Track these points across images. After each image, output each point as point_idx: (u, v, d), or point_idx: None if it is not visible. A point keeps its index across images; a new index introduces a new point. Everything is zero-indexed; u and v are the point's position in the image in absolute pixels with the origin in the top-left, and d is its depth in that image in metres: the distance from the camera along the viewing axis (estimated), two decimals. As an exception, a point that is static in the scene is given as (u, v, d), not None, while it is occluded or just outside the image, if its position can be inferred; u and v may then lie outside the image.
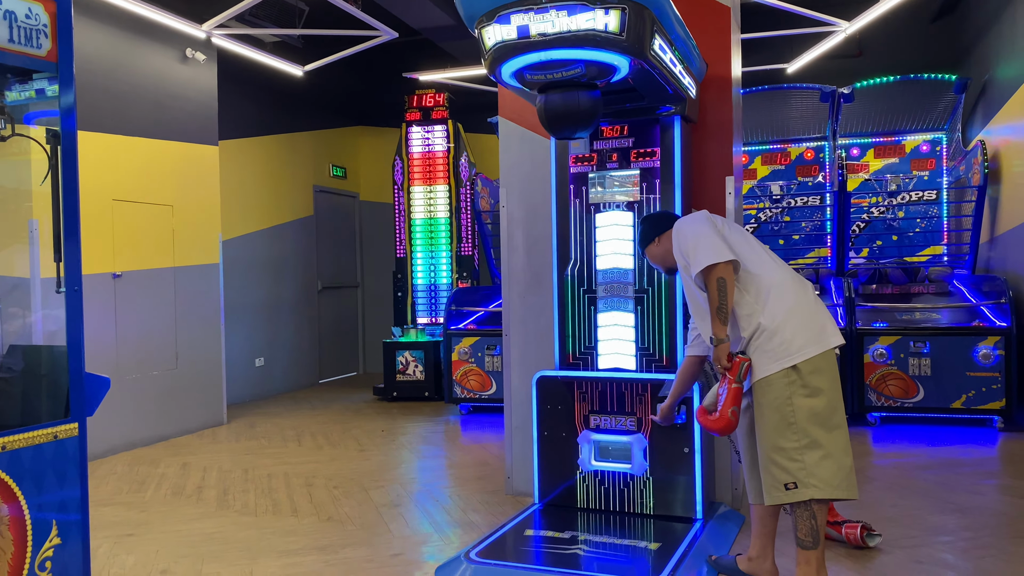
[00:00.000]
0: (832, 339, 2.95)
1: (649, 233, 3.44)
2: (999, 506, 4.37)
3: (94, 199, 5.88)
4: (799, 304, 2.99)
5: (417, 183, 8.70)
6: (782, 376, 2.90)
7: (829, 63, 8.03)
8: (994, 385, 6.13)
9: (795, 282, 3.05)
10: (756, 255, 3.08)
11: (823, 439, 2.87)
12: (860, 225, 7.69)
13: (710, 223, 3.09)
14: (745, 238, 3.17)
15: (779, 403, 2.90)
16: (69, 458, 2.44)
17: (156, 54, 6.56)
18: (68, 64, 2.44)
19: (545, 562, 3.44)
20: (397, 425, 7.08)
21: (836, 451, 2.88)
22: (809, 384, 2.89)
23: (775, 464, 2.91)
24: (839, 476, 2.86)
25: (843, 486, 2.87)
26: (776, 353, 2.92)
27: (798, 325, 2.93)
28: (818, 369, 2.90)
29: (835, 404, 2.93)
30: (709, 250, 2.96)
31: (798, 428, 2.87)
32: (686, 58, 3.70)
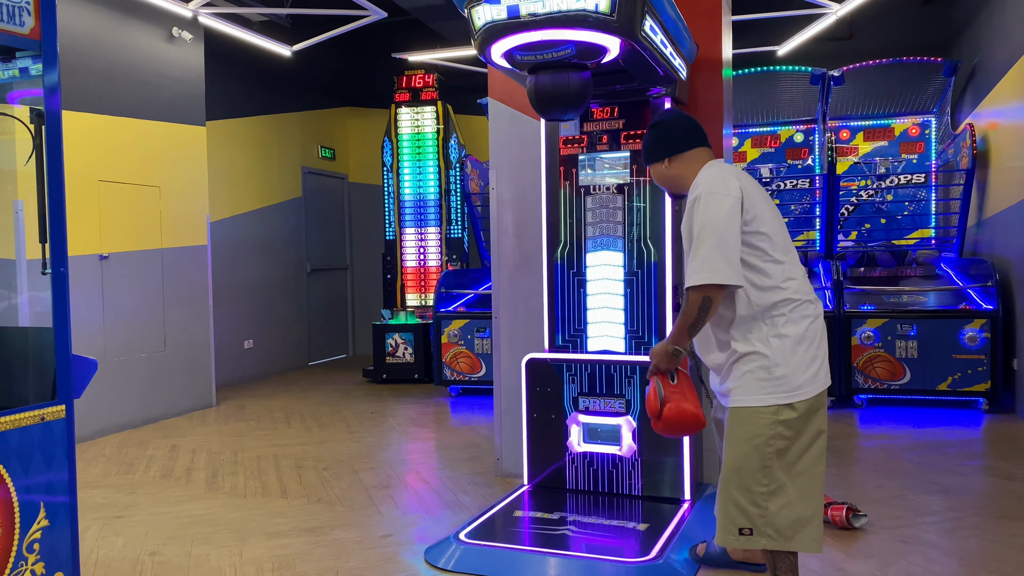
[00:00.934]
0: (827, 377, 2.66)
1: (660, 150, 2.88)
2: (983, 487, 4.42)
3: (80, 180, 5.83)
4: (812, 332, 2.63)
5: (406, 165, 8.66)
6: (772, 412, 2.58)
7: (819, 45, 8.02)
8: (979, 368, 6.18)
9: (814, 302, 2.68)
10: (779, 252, 2.65)
11: (788, 485, 2.59)
12: (849, 208, 7.71)
13: (734, 210, 2.57)
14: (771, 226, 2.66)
15: (759, 441, 2.59)
16: (56, 440, 2.43)
17: (141, 33, 6.48)
18: (52, 42, 2.41)
19: (534, 543, 3.46)
20: (387, 407, 7.08)
21: (796, 499, 2.60)
22: (794, 427, 2.59)
23: (734, 503, 2.64)
24: (796, 527, 2.59)
25: (798, 539, 2.60)
26: (772, 382, 2.58)
27: (804, 358, 2.59)
28: (811, 410, 2.60)
29: (808, 447, 2.62)
30: (715, 263, 2.52)
31: (771, 473, 2.59)
32: (677, 39, 3.69)
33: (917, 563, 3.31)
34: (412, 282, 8.75)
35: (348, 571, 3.35)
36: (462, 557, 3.36)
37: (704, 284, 2.51)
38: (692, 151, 2.84)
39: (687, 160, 2.83)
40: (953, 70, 7.33)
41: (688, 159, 2.83)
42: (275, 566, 3.42)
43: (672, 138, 2.86)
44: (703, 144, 2.87)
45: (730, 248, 2.53)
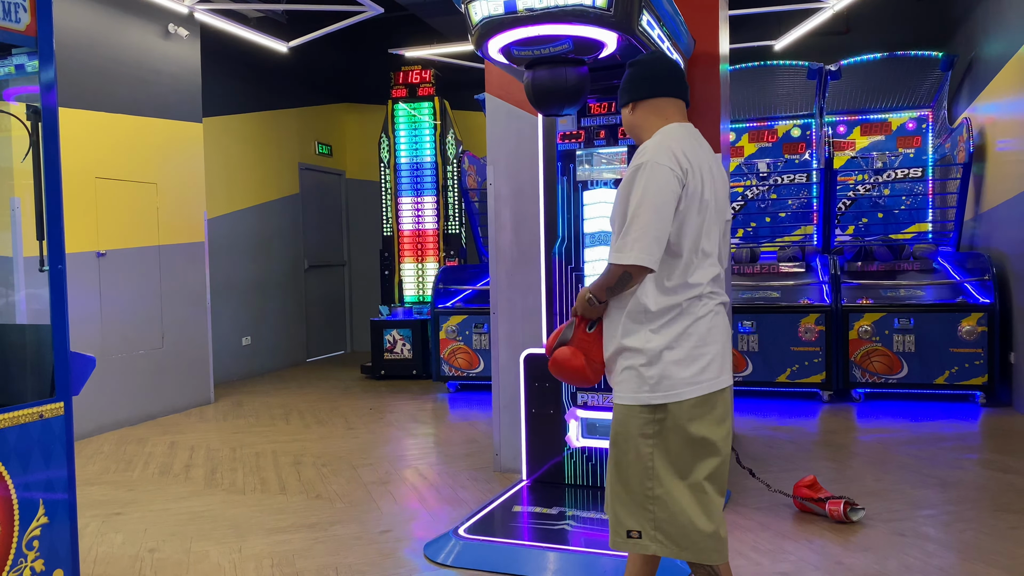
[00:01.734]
0: (722, 377, 2.40)
1: (628, 90, 2.56)
2: (981, 480, 4.43)
3: (77, 177, 5.82)
4: (699, 330, 2.37)
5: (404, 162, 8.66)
6: (647, 412, 2.36)
7: (816, 40, 8.01)
8: (977, 361, 6.20)
9: (713, 299, 2.43)
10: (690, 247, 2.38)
11: (682, 500, 2.32)
12: (846, 203, 7.72)
13: (675, 189, 2.33)
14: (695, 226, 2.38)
15: (637, 441, 2.37)
16: (55, 437, 2.43)
17: (138, 29, 6.47)
18: (48, 39, 2.41)
19: (533, 537, 3.47)
20: (385, 403, 7.09)
21: (689, 508, 2.32)
22: (679, 428, 2.33)
23: (619, 500, 2.41)
24: (691, 538, 2.31)
25: (693, 549, 2.32)
26: (647, 380, 2.35)
27: (685, 359, 2.35)
28: (695, 415, 2.34)
29: (708, 454, 2.35)
30: (642, 243, 2.29)
31: (653, 474, 2.35)
32: (674, 34, 3.69)
33: (915, 556, 3.32)
34: (410, 279, 8.75)
35: (347, 567, 3.35)
36: (461, 552, 3.36)
37: (631, 264, 2.31)
38: (662, 99, 2.50)
39: (653, 108, 2.51)
40: (950, 64, 7.34)
41: (655, 108, 2.50)
42: (274, 562, 3.43)
43: (645, 81, 2.52)
44: (678, 95, 2.53)
45: (663, 230, 2.32)
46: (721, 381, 2.39)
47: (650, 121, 2.51)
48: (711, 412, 2.36)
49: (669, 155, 2.35)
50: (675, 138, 2.42)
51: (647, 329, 2.38)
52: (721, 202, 2.51)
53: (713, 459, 2.36)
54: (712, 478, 2.35)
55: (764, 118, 7.97)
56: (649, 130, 2.49)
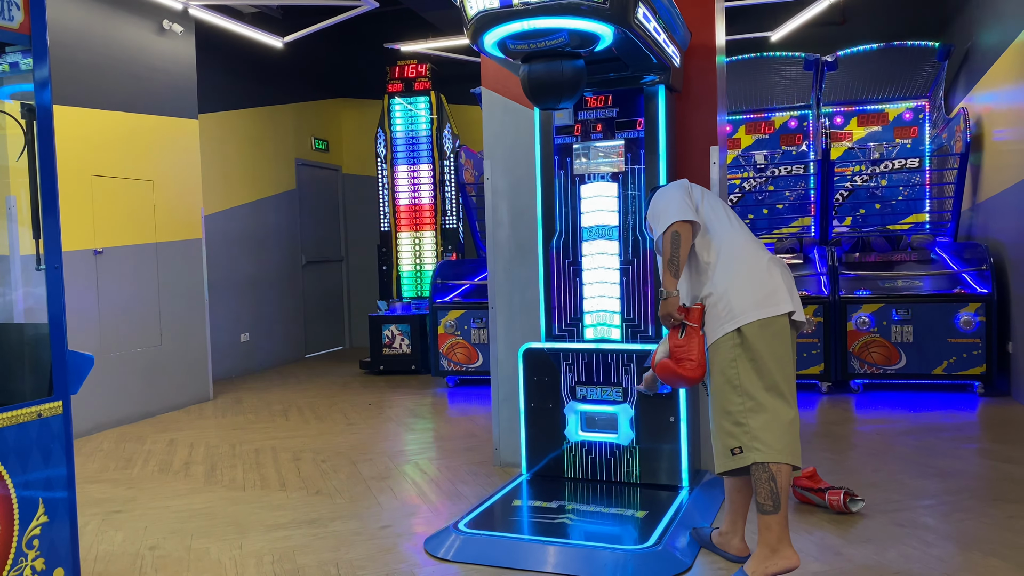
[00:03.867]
0: (781, 306, 2.93)
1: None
2: (979, 470, 4.44)
3: (73, 175, 5.81)
4: (748, 269, 2.99)
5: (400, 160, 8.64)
6: (727, 340, 2.91)
7: (813, 31, 8.00)
8: (975, 351, 6.21)
9: (749, 249, 3.05)
10: (720, 222, 3.09)
11: (768, 403, 2.87)
12: (843, 194, 7.71)
13: (684, 190, 3.09)
14: (716, 206, 3.16)
15: (724, 366, 2.92)
16: (54, 436, 2.43)
17: (132, 26, 6.44)
18: (42, 36, 2.39)
19: (533, 531, 3.48)
20: (384, 398, 7.09)
21: (782, 416, 2.88)
22: (753, 347, 2.89)
23: (722, 429, 2.94)
24: (783, 441, 2.86)
25: (787, 451, 2.86)
26: (721, 318, 2.94)
27: (742, 290, 2.94)
28: (762, 335, 2.89)
29: (781, 370, 2.91)
30: (673, 211, 2.99)
31: (743, 391, 2.89)
32: (670, 26, 3.68)
33: (914, 546, 3.33)
34: (407, 274, 8.74)
35: (348, 563, 3.36)
36: (462, 547, 3.37)
37: (671, 223, 2.97)
38: None
39: None
40: (947, 54, 7.33)
41: None
42: (275, 558, 3.43)
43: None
44: None
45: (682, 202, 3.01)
46: (784, 307, 2.92)
47: None
48: (775, 331, 2.91)
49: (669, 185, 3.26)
50: None
51: (710, 277, 3.01)
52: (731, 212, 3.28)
53: (786, 367, 2.92)
54: (787, 389, 2.91)
55: (761, 109, 7.95)
56: None
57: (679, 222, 2.97)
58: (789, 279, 3.04)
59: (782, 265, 3.08)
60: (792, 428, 2.89)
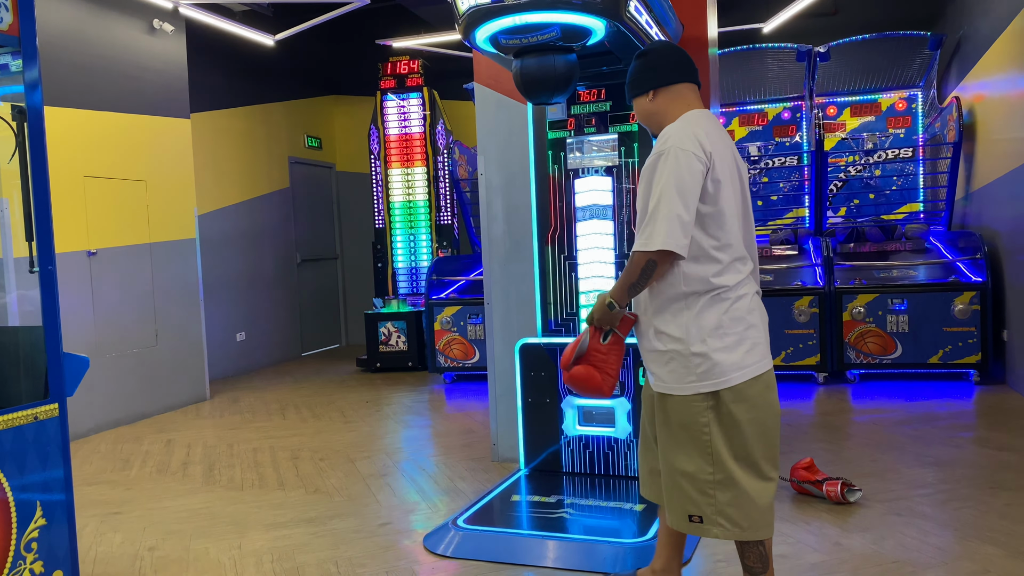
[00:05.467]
0: (766, 360, 2.44)
1: (647, 80, 2.57)
2: (975, 458, 4.46)
3: (65, 176, 5.79)
4: (736, 315, 2.40)
5: (394, 161, 8.62)
6: (699, 400, 2.39)
7: (805, 22, 8.00)
8: (970, 340, 6.23)
9: (751, 285, 2.48)
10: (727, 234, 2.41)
11: (741, 479, 2.38)
12: (837, 184, 7.72)
13: (700, 175, 2.34)
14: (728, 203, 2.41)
15: (694, 428, 2.40)
16: (50, 439, 2.43)
17: (122, 25, 6.42)
18: (31, 37, 2.38)
19: (532, 526, 3.48)
20: (381, 396, 7.09)
21: (755, 495, 2.39)
22: (732, 414, 2.37)
23: (680, 489, 2.45)
24: (751, 518, 2.39)
25: (753, 528, 2.40)
26: (693, 370, 2.38)
27: (732, 343, 2.38)
28: (745, 396, 2.38)
29: (763, 437, 2.41)
30: (667, 228, 2.29)
31: (715, 461, 2.39)
32: (662, 19, 3.67)
33: (912, 535, 3.34)
34: (403, 271, 8.74)
35: (347, 560, 3.36)
36: (461, 543, 3.37)
37: (657, 251, 2.31)
38: (680, 85, 2.55)
39: (674, 95, 2.54)
40: (939, 43, 7.33)
41: (675, 94, 2.54)
42: (274, 558, 3.43)
43: (661, 68, 2.55)
44: (693, 80, 2.58)
45: (688, 217, 2.31)
46: (765, 364, 2.43)
47: (673, 107, 2.53)
48: (759, 393, 2.40)
49: (693, 140, 2.35)
50: (699, 124, 2.44)
51: (688, 316, 2.40)
52: (745, 190, 2.54)
53: (768, 433, 2.42)
54: (763, 452, 2.41)
55: (754, 101, 7.96)
56: (672, 116, 2.51)
57: (663, 252, 2.31)
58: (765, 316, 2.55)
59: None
60: (766, 506, 2.41)
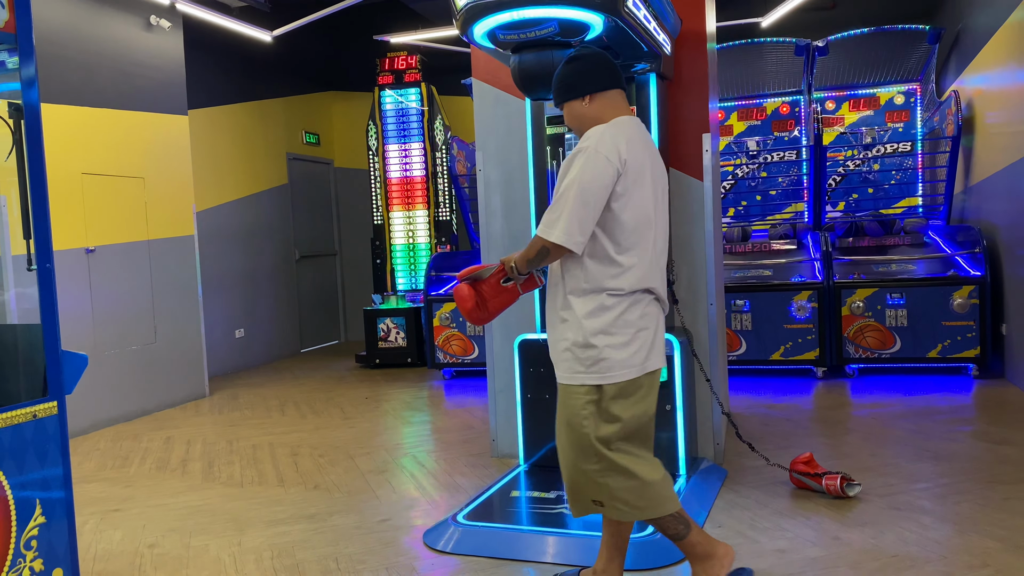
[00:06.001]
0: (653, 361, 2.58)
1: (584, 85, 2.62)
2: (974, 452, 4.46)
3: (63, 173, 5.78)
4: (630, 318, 2.52)
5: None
6: (583, 392, 2.53)
7: (803, 16, 7.99)
8: (969, 334, 6.23)
9: (648, 294, 2.58)
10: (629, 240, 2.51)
11: (625, 464, 2.53)
12: (836, 179, 7.72)
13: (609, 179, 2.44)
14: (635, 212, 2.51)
15: (574, 421, 2.56)
16: (49, 436, 2.42)
17: (119, 22, 6.40)
18: (27, 35, 2.37)
19: (532, 522, 3.48)
20: (381, 392, 7.09)
21: (642, 476, 2.54)
22: (609, 410, 2.52)
23: (579, 476, 2.60)
24: (646, 499, 2.54)
25: (652, 506, 2.56)
26: (582, 360, 2.52)
27: (621, 343, 2.51)
28: (626, 395, 2.52)
29: (634, 431, 2.57)
30: (566, 224, 2.42)
31: (594, 452, 2.53)
32: (660, 14, 3.66)
33: (911, 529, 3.35)
34: (401, 268, 8.74)
35: (347, 557, 3.36)
36: (461, 539, 3.37)
37: (552, 243, 2.45)
38: (613, 91, 2.63)
39: (608, 100, 2.62)
40: (937, 37, 7.32)
41: (609, 99, 2.62)
42: (274, 554, 3.43)
43: (597, 73, 2.62)
44: (623, 86, 2.67)
45: (589, 216, 2.44)
46: (651, 365, 2.58)
47: (606, 112, 2.62)
48: (638, 392, 2.56)
49: (612, 146, 2.46)
50: (623, 130, 2.55)
51: (585, 311, 2.53)
52: (661, 200, 2.66)
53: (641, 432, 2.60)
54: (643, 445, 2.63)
55: (752, 96, 7.95)
56: (603, 121, 2.60)
57: (556, 245, 2.45)
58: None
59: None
60: (659, 482, 2.57)
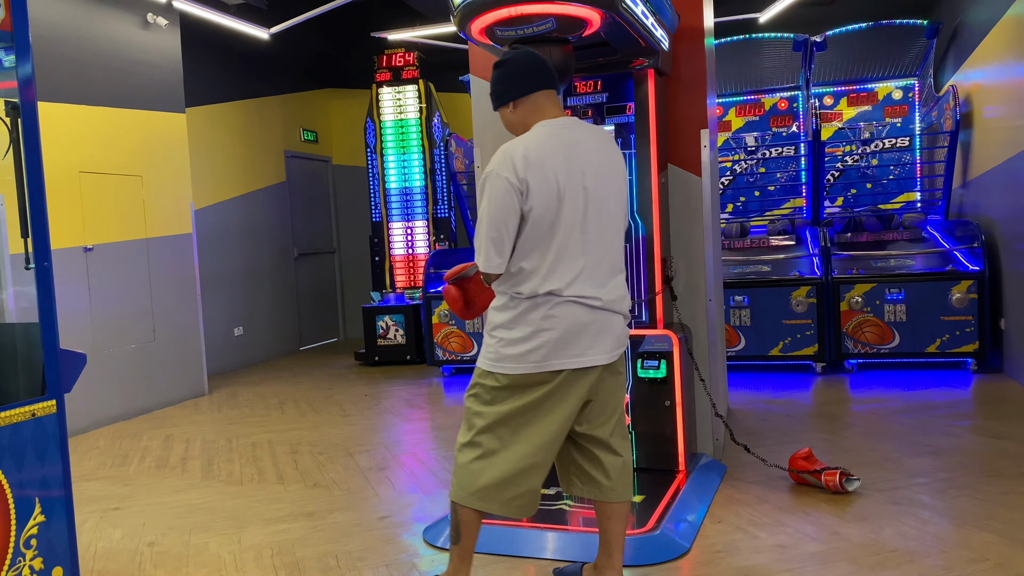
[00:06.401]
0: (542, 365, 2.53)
1: (505, 91, 2.66)
2: (973, 446, 4.47)
3: (60, 172, 5.77)
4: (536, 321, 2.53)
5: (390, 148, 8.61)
6: (478, 373, 2.65)
7: (801, 11, 7.98)
8: (967, 328, 6.23)
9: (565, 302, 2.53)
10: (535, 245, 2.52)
11: (487, 444, 2.58)
12: (835, 174, 7.71)
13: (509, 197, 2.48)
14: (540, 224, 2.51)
15: (467, 396, 2.68)
16: (48, 435, 2.42)
17: (116, 20, 6.39)
18: (24, 32, 2.37)
19: (532, 519, 3.48)
20: (380, 389, 7.09)
21: (488, 466, 2.57)
22: (493, 402, 2.59)
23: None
24: (475, 487, 2.57)
25: (476, 497, 2.58)
26: (489, 351, 2.62)
27: (517, 339, 2.54)
28: (510, 392, 2.57)
29: (515, 428, 2.58)
30: (484, 251, 2.50)
31: (470, 427, 2.63)
32: (658, 10, 3.66)
33: (911, 524, 3.35)
34: (401, 267, 8.73)
35: (347, 554, 3.36)
36: (460, 535, 3.37)
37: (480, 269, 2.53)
38: (537, 94, 2.62)
39: (531, 105, 2.62)
40: (935, 32, 7.32)
41: (532, 104, 2.62)
42: (274, 552, 3.43)
43: (518, 78, 2.63)
44: (550, 86, 2.65)
45: (503, 238, 2.50)
46: (545, 366, 2.53)
47: (530, 118, 2.63)
48: (530, 389, 2.55)
49: (509, 164, 2.50)
50: (529, 141, 2.54)
51: (496, 306, 2.62)
52: (592, 201, 2.57)
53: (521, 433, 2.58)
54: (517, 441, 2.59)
55: (751, 91, 7.94)
56: (529, 127, 2.62)
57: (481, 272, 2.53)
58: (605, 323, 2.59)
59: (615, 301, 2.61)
60: (497, 484, 2.56)
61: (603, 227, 2.60)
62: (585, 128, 2.67)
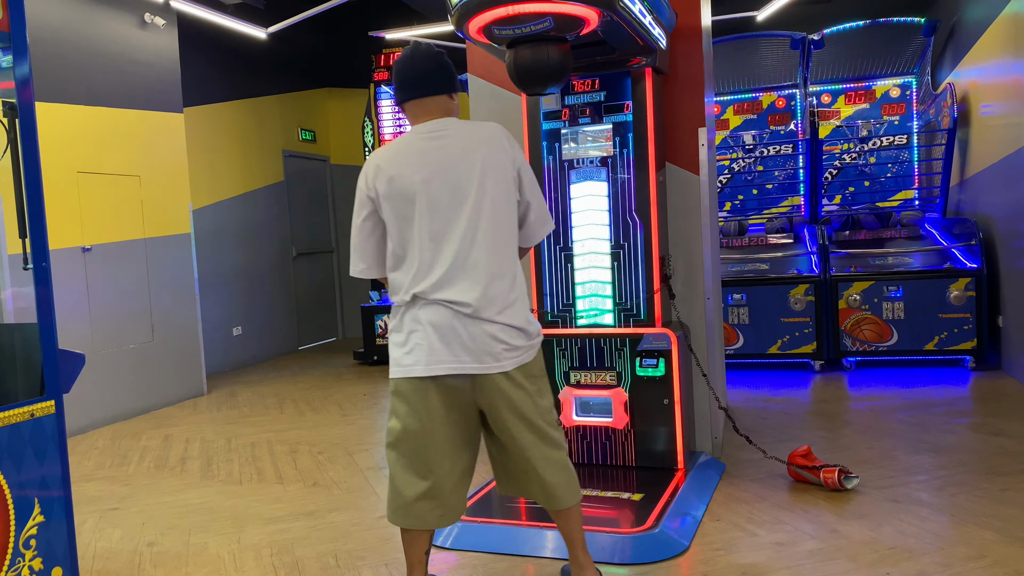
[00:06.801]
0: (422, 368, 2.52)
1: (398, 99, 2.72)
2: (972, 444, 4.47)
3: (58, 172, 5.76)
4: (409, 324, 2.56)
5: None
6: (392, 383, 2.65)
7: (798, 9, 7.98)
8: (965, 326, 6.24)
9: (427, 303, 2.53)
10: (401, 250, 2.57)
11: (391, 462, 2.62)
12: (832, 172, 7.72)
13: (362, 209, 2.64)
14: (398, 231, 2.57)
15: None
16: (47, 436, 2.42)
17: (114, 20, 6.38)
18: (21, 33, 2.37)
19: (531, 517, 3.49)
20: (379, 389, 7.09)
21: (399, 480, 2.60)
22: (393, 406, 2.62)
23: None
24: (394, 504, 2.62)
25: (391, 512, 2.64)
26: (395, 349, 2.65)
27: (399, 342, 2.59)
28: (400, 393, 2.58)
29: (409, 437, 2.57)
30: (354, 260, 2.69)
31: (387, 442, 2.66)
32: (656, 8, 3.66)
33: (909, 521, 3.36)
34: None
35: (347, 553, 3.36)
36: (460, 534, 3.38)
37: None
38: (406, 105, 2.68)
39: (410, 112, 2.69)
40: (933, 29, 7.32)
41: (411, 110, 2.68)
42: (274, 551, 3.44)
43: (400, 86, 2.68)
44: (413, 97, 2.65)
45: (363, 244, 2.65)
46: (424, 370, 2.52)
47: (413, 123, 2.70)
48: (414, 396, 2.55)
49: (363, 173, 2.65)
50: (386, 149, 2.65)
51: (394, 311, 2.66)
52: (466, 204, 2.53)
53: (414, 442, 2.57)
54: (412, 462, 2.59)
55: (748, 90, 7.94)
56: None
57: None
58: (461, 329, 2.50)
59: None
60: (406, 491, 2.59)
61: (474, 231, 2.51)
62: (454, 132, 2.60)
